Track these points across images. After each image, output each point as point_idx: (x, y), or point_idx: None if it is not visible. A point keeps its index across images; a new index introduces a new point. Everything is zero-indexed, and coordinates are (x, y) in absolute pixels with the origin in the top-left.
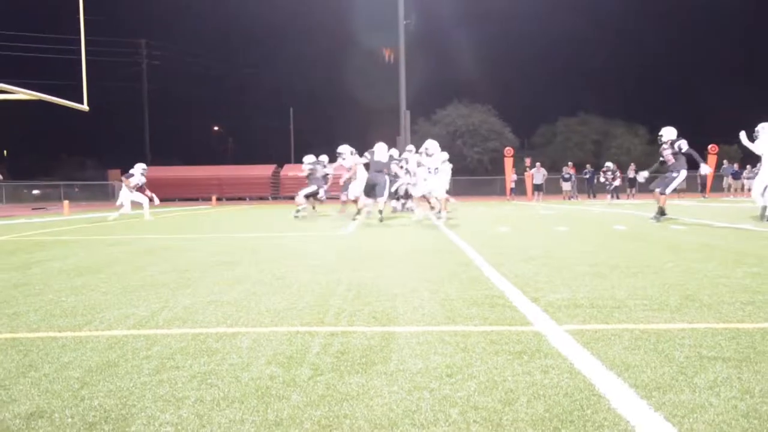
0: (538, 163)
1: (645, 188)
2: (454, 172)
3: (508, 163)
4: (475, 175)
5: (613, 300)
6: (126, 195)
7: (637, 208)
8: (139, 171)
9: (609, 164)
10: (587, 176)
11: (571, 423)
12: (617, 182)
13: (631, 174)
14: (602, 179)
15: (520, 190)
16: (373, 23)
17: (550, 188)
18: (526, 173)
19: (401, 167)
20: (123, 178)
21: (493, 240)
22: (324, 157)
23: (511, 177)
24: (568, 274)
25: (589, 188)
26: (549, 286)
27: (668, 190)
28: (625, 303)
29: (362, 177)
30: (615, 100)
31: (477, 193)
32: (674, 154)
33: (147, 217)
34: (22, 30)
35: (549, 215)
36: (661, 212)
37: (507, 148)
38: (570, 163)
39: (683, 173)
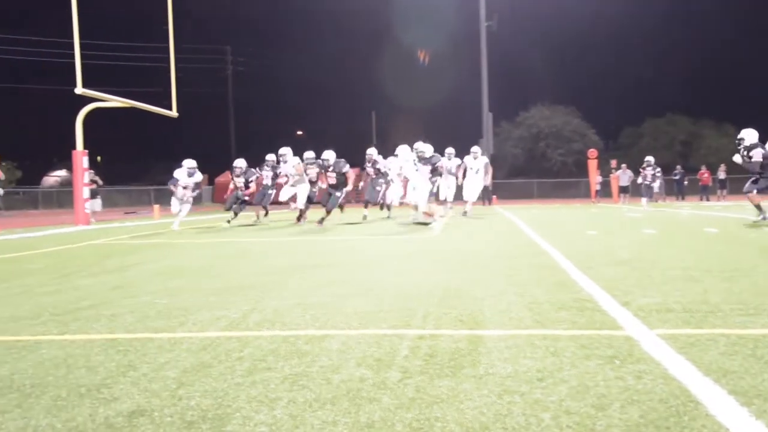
0: (623, 165)
1: (736, 190)
2: (539, 174)
3: (592, 165)
4: (559, 177)
5: (707, 304)
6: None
7: (728, 210)
8: (183, 174)
9: (649, 158)
10: (676, 178)
11: (667, 429)
12: (657, 183)
13: (721, 175)
14: (639, 179)
15: (605, 192)
16: (458, 25)
17: (637, 190)
18: (611, 175)
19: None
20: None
21: (580, 243)
22: (285, 154)
23: (595, 179)
24: (659, 277)
25: (678, 190)
26: (639, 289)
27: (749, 187)
28: (720, 307)
29: (304, 186)
30: (703, 100)
31: (561, 195)
32: (748, 163)
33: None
34: (114, 40)
35: (636, 218)
36: (758, 208)
37: (590, 150)
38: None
39: None
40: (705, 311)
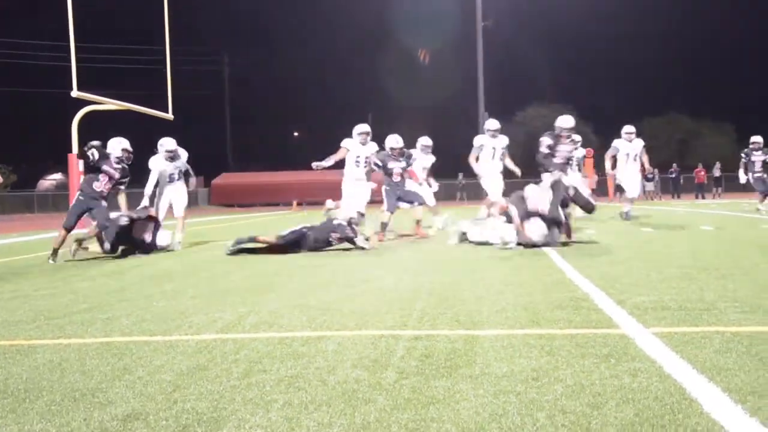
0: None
1: (732, 188)
2: (535, 173)
3: (588, 163)
4: None
5: (702, 302)
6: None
7: (724, 207)
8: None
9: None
10: (672, 176)
11: (662, 428)
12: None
13: (717, 173)
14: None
15: (601, 191)
16: (454, 25)
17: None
18: (608, 174)
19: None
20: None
21: (577, 242)
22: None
23: (592, 178)
24: (655, 276)
25: (674, 188)
26: (635, 288)
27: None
28: (715, 305)
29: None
30: (702, 99)
31: None
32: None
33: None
34: (110, 42)
35: (633, 216)
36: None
37: (587, 149)
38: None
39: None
40: (700, 309)
